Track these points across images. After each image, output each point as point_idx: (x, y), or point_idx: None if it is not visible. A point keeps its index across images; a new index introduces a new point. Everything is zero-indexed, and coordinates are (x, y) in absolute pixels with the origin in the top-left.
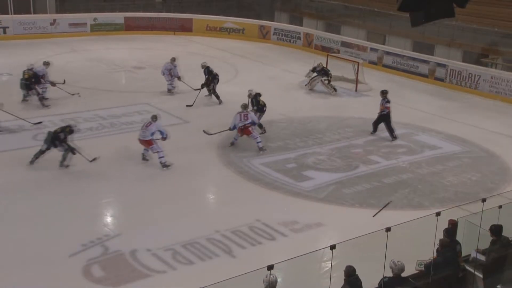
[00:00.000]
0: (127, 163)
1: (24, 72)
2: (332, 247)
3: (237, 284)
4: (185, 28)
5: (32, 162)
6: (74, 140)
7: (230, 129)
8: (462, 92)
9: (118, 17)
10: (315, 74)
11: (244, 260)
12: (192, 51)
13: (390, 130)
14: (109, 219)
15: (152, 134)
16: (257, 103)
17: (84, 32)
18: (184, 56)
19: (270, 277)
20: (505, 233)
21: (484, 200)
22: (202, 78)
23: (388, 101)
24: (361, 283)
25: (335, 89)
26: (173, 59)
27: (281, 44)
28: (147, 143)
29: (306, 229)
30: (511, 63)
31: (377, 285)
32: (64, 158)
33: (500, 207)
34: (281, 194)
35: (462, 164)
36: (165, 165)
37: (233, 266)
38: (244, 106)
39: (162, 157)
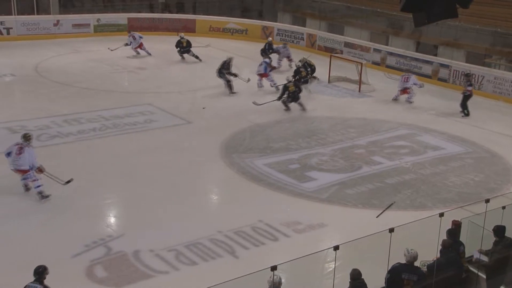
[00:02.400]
0: (130, 163)
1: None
2: (336, 248)
3: (241, 284)
4: (188, 28)
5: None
6: (75, 141)
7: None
8: None
9: (121, 17)
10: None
11: (247, 260)
12: (195, 51)
13: (464, 108)
14: (112, 220)
15: None
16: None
17: (87, 33)
18: (186, 56)
19: (274, 278)
20: (508, 233)
21: (487, 201)
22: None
23: (471, 84)
24: (366, 287)
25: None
26: (285, 44)
27: None
28: None
29: (308, 229)
30: None
31: (383, 285)
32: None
33: (503, 207)
34: (283, 194)
35: (465, 165)
36: None
37: (236, 266)
38: (407, 71)
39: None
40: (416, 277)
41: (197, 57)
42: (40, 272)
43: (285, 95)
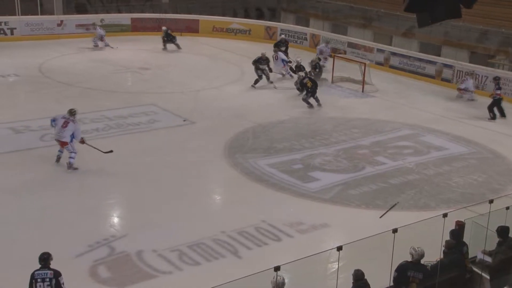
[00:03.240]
0: (134, 163)
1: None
2: (339, 248)
3: (244, 285)
4: (191, 29)
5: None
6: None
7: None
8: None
9: (124, 18)
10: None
11: (250, 261)
12: (198, 52)
13: (491, 111)
14: (115, 220)
15: None
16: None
17: (91, 33)
18: (189, 57)
19: (277, 278)
20: None
21: (491, 202)
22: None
23: (499, 88)
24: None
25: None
26: (327, 42)
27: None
28: None
29: (312, 230)
30: None
31: (387, 285)
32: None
33: (507, 208)
34: (287, 195)
35: (469, 165)
36: None
37: (239, 267)
38: (471, 74)
39: None
40: (422, 274)
41: (178, 45)
42: (45, 259)
43: (304, 92)
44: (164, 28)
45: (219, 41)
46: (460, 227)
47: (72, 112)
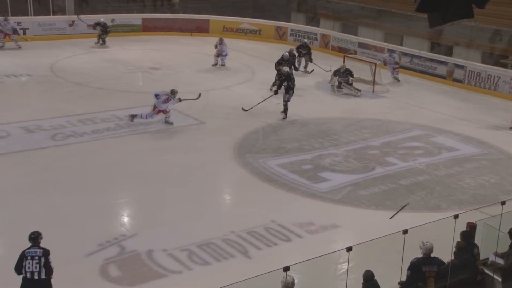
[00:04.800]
0: (144, 163)
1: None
2: (349, 249)
3: (253, 285)
4: (201, 29)
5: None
6: (90, 140)
7: None
8: (480, 94)
9: (135, 18)
10: (336, 77)
11: (259, 261)
12: (208, 52)
13: None
14: (125, 219)
15: None
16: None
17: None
18: (199, 57)
19: (287, 278)
20: None
21: (503, 203)
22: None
23: None
24: None
25: (359, 90)
26: (392, 51)
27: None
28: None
29: (321, 230)
30: None
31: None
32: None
33: None
34: (297, 195)
35: (480, 166)
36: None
37: (249, 267)
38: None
39: None
40: (436, 267)
41: (105, 40)
42: (35, 237)
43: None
44: (102, 19)
45: (229, 41)
46: (471, 229)
47: (173, 92)
